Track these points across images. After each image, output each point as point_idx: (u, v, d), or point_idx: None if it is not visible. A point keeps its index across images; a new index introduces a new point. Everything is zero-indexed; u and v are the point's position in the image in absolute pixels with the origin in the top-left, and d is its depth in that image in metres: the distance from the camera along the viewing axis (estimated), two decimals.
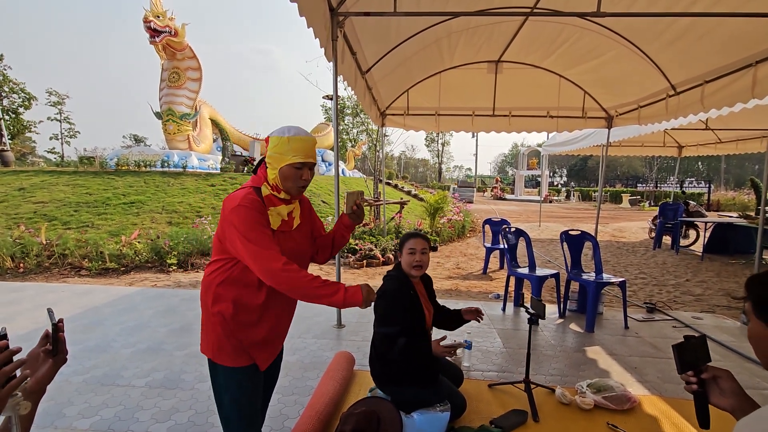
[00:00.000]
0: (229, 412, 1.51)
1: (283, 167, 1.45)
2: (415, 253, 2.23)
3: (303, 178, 1.49)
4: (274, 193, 1.48)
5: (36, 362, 0.93)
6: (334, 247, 1.77)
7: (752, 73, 3.66)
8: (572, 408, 2.47)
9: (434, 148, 58.26)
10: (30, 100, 28.27)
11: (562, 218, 15.94)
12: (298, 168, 1.46)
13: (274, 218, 1.46)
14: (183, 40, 13.99)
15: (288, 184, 1.47)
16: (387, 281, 2.29)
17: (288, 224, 1.53)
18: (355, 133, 22.40)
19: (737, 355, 3.38)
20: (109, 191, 9.70)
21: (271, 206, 1.47)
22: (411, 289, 2.24)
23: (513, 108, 6.43)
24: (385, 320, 2.20)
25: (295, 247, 1.54)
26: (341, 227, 1.75)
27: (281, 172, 1.46)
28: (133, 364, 2.99)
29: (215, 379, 1.51)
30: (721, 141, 9.36)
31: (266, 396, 1.71)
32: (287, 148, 1.44)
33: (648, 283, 5.80)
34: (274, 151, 1.46)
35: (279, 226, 1.48)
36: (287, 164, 1.44)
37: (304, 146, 1.46)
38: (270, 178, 1.48)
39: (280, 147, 1.45)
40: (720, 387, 0.90)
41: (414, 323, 2.20)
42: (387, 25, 4.11)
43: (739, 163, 48.88)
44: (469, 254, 7.90)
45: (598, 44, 4.69)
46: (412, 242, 2.25)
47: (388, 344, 2.16)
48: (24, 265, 5.94)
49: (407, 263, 2.25)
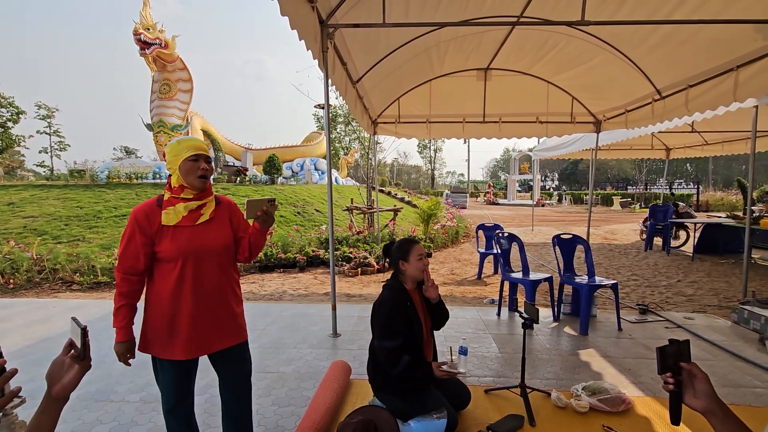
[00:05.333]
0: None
1: (181, 164, 1.69)
2: (423, 258, 2.22)
3: (201, 168, 1.72)
4: (174, 195, 1.72)
5: (60, 369, 0.94)
6: (251, 248, 1.90)
7: (734, 77, 3.76)
8: (568, 411, 2.48)
9: (427, 154, 58.64)
10: (19, 114, 28.03)
11: (554, 222, 16.07)
12: (194, 160, 1.71)
13: (170, 216, 1.69)
14: (173, 52, 14.03)
15: (190, 178, 1.71)
16: (385, 292, 2.26)
17: (190, 219, 1.73)
18: (347, 141, 22.44)
19: (728, 354, 3.42)
20: (100, 204, 9.62)
21: (168, 206, 1.70)
22: (408, 299, 2.22)
23: (503, 114, 6.52)
24: (385, 332, 2.14)
25: (198, 239, 1.73)
26: (254, 231, 1.88)
27: (182, 170, 1.70)
28: (127, 380, 2.95)
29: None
30: (708, 143, 9.54)
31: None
32: (179, 148, 1.71)
33: (640, 285, 5.86)
34: (170, 156, 1.72)
35: (178, 222, 1.70)
36: (183, 160, 1.69)
37: (192, 143, 1.73)
38: (173, 182, 1.73)
39: (173, 151, 1.71)
40: (695, 388, 0.96)
41: (413, 334, 2.18)
42: (376, 35, 4.17)
43: (726, 164, 49.68)
44: (464, 260, 7.94)
45: (584, 50, 4.79)
46: (418, 248, 2.24)
47: (391, 359, 2.10)
48: (14, 280, 5.86)
49: (419, 269, 2.22)
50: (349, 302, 4.97)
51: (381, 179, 26.94)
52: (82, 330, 0.94)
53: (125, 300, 1.68)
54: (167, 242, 1.68)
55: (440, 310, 2.37)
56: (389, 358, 2.11)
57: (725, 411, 0.92)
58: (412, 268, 2.22)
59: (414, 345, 2.18)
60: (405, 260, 2.24)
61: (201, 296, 1.73)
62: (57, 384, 0.92)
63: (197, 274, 1.71)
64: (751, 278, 5.52)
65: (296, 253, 7.13)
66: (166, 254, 1.68)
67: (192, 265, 1.70)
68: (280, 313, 4.47)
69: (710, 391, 0.94)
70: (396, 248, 2.29)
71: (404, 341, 2.13)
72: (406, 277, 2.27)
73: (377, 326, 2.19)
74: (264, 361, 3.25)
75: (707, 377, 0.96)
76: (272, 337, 3.75)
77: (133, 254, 1.67)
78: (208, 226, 1.77)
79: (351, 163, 23.86)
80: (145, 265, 1.69)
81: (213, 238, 1.77)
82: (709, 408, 0.93)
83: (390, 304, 2.17)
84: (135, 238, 1.67)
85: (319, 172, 20.09)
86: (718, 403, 0.93)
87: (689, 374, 0.97)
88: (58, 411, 0.92)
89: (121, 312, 1.67)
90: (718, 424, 0.92)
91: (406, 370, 2.08)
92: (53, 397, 0.91)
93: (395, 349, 2.10)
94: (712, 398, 0.94)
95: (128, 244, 1.67)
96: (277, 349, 3.49)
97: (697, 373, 0.97)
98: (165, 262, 1.69)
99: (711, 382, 0.96)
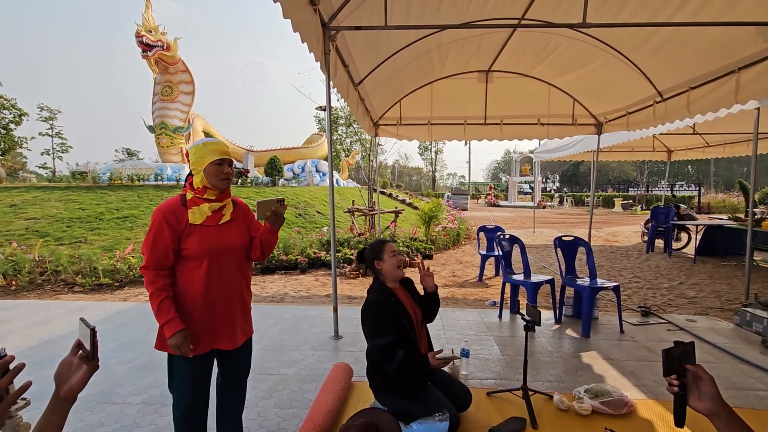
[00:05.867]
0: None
1: (207, 167, 1.75)
2: (396, 254, 2.29)
3: (225, 172, 1.79)
4: (197, 196, 1.78)
5: (69, 370, 0.95)
6: (263, 247, 1.96)
7: (735, 79, 3.76)
8: (570, 414, 2.48)
9: (428, 156, 58.65)
10: (21, 116, 28.10)
11: (555, 224, 16.05)
12: (219, 164, 1.77)
13: (195, 215, 1.75)
14: (175, 54, 14.05)
15: (214, 180, 1.78)
16: (368, 295, 2.32)
17: (214, 219, 1.80)
18: (348, 143, 22.48)
19: (731, 357, 3.41)
20: (102, 206, 9.64)
21: (193, 206, 1.76)
22: (392, 296, 2.27)
23: (504, 116, 6.52)
24: (375, 332, 2.19)
25: (222, 238, 1.81)
26: (265, 231, 1.95)
27: (206, 172, 1.76)
28: (129, 381, 2.96)
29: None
30: (709, 145, 9.53)
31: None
32: (205, 151, 1.76)
33: (642, 287, 5.85)
34: (195, 158, 1.77)
35: (203, 221, 1.76)
36: (209, 163, 1.75)
37: (217, 147, 1.78)
38: (196, 183, 1.78)
39: (199, 152, 1.76)
40: (699, 390, 0.96)
41: (405, 328, 2.21)
42: (378, 38, 4.18)
43: (728, 165, 49.63)
44: (465, 261, 7.93)
45: (586, 53, 4.79)
46: (389, 246, 2.32)
47: (385, 356, 2.15)
48: (16, 282, 5.87)
49: (393, 266, 2.29)
50: (350, 304, 4.96)
51: (382, 181, 26.96)
52: (92, 331, 0.95)
53: (164, 293, 1.69)
54: (194, 240, 1.74)
55: (432, 302, 2.43)
56: (383, 355, 2.15)
57: (730, 413, 0.92)
58: (387, 265, 2.29)
59: (406, 340, 2.21)
60: (379, 260, 2.31)
61: (226, 292, 1.81)
62: (65, 384, 0.93)
63: (221, 272, 1.79)
64: (753, 280, 5.50)
65: (298, 254, 7.13)
66: (192, 252, 1.73)
67: (217, 263, 1.77)
68: (281, 315, 4.47)
69: (716, 394, 0.94)
70: (369, 251, 2.37)
71: (396, 337, 2.16)
72: (385, 276, 2.33)
73: (367, 328, 2.24)
74: (266, 363, 3.25)
75: (713, 380, 0.96)
76: (274, 339, 3.75)
77: (163, 250, 1.70)
78: (229, 226, 1.85)
79: (352, 164, 23.87)
80: (172, 261, 1.74)
81: (234, 237, 1.86)
82: (713, 410, 0.93)
83: (375, 306, 2.21)
84: (164, 234, 1.70)
85: (320, 173, 20.12)
86: (723, 406, 0.93)
87: (695, 376, 0.97)
88: (66, 411, 0.93)
89: (165, 304, 1.67)
90: (722, 427, 0.92)
91: (402, 365, 2.11)
92: (61, 397, 0.92)
93: (387, 346, 2.14)
94: (717, 401, 0.94)
95: (156, 240, 1.70)
96: (278, 351, 3.49)
97: (703, 375, 0.97)
98: (189, 260, 1.75)
99: (717, 384, 0.96)
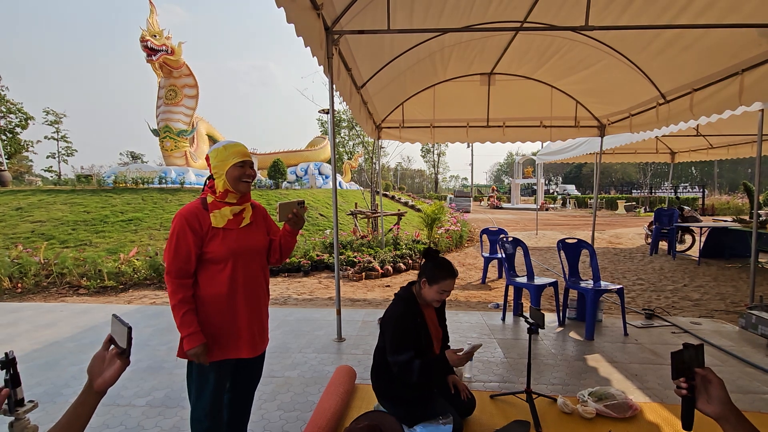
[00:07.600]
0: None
1: (229, 169, 1.75)
2: (444, 294, 2.15)
3: (247, 174, 1.79)
4: (218, 200, 1.78)
5: (102, 363, 0.98)
6: (282, 250, 1.98)
7: (739, 80, 3.75)
8: (574, 417, 2.47)
9: (430, 158, 58.62)
10: (27, 120, 28.36)
11: (558, 226, 16.00)
12: (241, 166, 1.77)
13: (217, 219, 1.75)
14: (179, 58, 14.15)
15: (236, 183, 1.77)
16: (395, 303, 2.24)
17: (235, 222, 1.81)
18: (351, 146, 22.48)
19: (736, 360, 3.39)
20: (106, 209, 9.70)
21: (214, 209, 1.75)
22: (418, 315, 2.19)
23: (507, 119, 6.53)
24: (396, 348, 2.11)
25: (243, 240, 1.81)
26: (284, 233, 1.96)
27: (229, 175, 1.76)
28: (133, 384, 2.97)
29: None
30: (713, 146, 9.48)
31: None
32: (226, 154, 1.76)
33: (646, 289, 5.82)
34: (216, 161, 1.76)
35: (225, 224, 1.77)
36: (231, 165, 1.75)
37: (239, 149, 1.78)
38: (218, 186, 1.77)
39: (220, 156, 1.76)
40: (709, 394, 0.95)
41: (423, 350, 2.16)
42: (380, 41, 4.20)
43: (732, 167, 49.35)
44: (468, 264, 7.92)
45: (588, 55, 4.80)
46: (448, 284, 2.13)
47: (406, 372, 2.07)
48: (22, 285, 5.91)
49: (431, 298, 2.16)
50: (353, 306, 4.97)
51: (385, 183, 26.98)
52: (129, 329, 0.98)
53: (187, 306, 1.68)
54: (217, 243, 1.73)
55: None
56: (402, 371, 2.09)
57: (739, 417, 0.92)
58: (429, 293, 2.16)
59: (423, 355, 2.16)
60: (429, 283, 2.15)
61: (250, 296, 1.81)
62: (99, 377, 0.96)
63: (245, 275, 1.79)
64: (758, 283, 5.47)
65: (301, 257, 7.15)
66: (216, 255, 1.73)
67: (240, 266, 1.77)
68: (284, 317, 4.48)
69: (725, 397, 0.93)
70: (432, 267, 2.17)
71: (416, 353, 2.11)
72: (422, 295, 2.22)
73: (388, 340, 2.17)
74: (269, 365, 3.25)
75: (722, 383, 0.95)
76: (277, 342, 3.76)
77: (185, 254, 1.69)
78: (249, 229, 1.86)
79: (355, 167, 23.90)
80: (194, 266, 1.73)
81: (256, 240, 1.86)
82: (722, 414, 0.92)
83: (400, 320, 2.14)
84: (186, 239, 1.69)
85: (323, 176, 20.16)
86: (732, 410, 0.92)
87: (704, 379, 0.96)
88: (95, 403, 0.96)
89: (188, 317, 1.67)
90: (731, 430, 0.92)
91: (421, 375, 2.05)
92: (94, 390, 0.95)
93: (407, 362, 2.08)
94: (726, 404, 0.93)
95: (179, 244, 1.68)
96: (282, 354, 3.50)
97: (712, 378, 0.96)
98: (213, 264, 1.74)
99: (726, 388, 0.95)
